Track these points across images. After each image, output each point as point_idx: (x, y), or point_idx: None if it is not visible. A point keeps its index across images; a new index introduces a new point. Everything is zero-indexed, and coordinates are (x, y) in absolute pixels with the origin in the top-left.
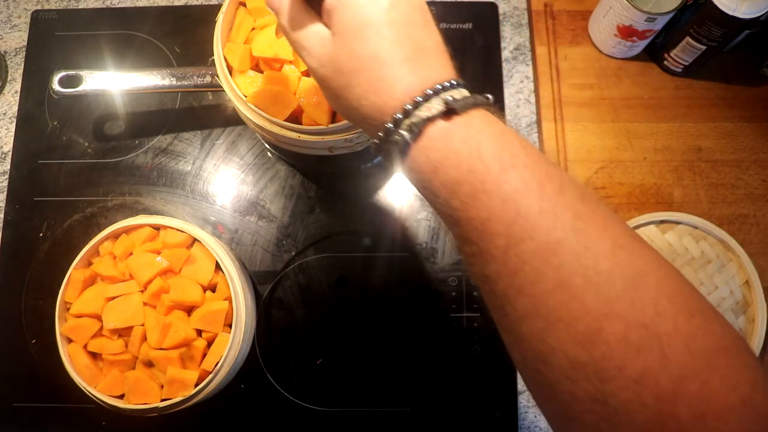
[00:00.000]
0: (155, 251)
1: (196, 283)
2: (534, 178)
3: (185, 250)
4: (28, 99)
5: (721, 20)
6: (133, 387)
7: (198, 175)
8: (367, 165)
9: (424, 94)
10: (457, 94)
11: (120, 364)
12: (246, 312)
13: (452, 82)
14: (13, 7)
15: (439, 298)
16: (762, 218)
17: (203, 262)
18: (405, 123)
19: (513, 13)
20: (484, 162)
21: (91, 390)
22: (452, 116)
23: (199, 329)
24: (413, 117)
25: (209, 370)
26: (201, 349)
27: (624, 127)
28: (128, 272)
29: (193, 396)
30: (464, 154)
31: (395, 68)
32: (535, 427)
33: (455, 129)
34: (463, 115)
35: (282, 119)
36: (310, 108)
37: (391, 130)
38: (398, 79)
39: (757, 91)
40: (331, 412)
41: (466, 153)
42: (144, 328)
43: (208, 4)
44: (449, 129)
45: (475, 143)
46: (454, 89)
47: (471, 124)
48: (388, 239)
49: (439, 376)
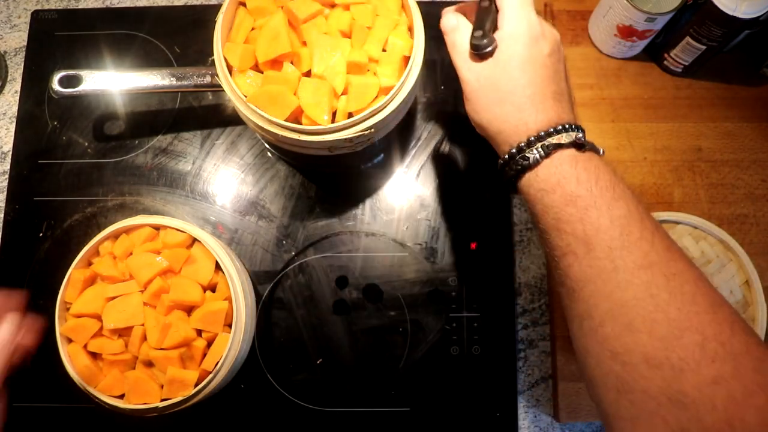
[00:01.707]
0: (155, 251)
1: (196, 283)
2: (637, 210)
3: (185, 250)
4: (28, 99)
5: (721, 20)
6: (133, 387)
7: (198, 175)
8: (367, 165)
9: (558, 127)
10: (581, 135)
11: (120, 364)
12: (246, 312)
13: (577, 126)
14: (13, 7)
15: (439, 298)
16: (762, 218)
17: (203, 262)
18: (537, 144)
19: None
20: (600, 187)
21: (91, 390)
22: (578, 149)
23: (199, 329)
24: (546, 141)
25: (209, 370)
26: (201, 349)
27: (624, 127)
28: (128, 272)
29: (193, 396)
30: (584, 178)
31: (541, 101)
32: (535, 427)
33: (580, 158)
34: (587, 152)
35: (282, 119)
36: (309, 108)
37: (523, 147)
38: (542, 109)
39: (757, 91)
40: (331, 412)
41: (586, 177)
42: (144, 328)
43: (208, 4)
44: (575, 157)
45: (594, 171)
46: (578, 131)
47: (592, 159)
48: (388, 239)
49: (439, 376)
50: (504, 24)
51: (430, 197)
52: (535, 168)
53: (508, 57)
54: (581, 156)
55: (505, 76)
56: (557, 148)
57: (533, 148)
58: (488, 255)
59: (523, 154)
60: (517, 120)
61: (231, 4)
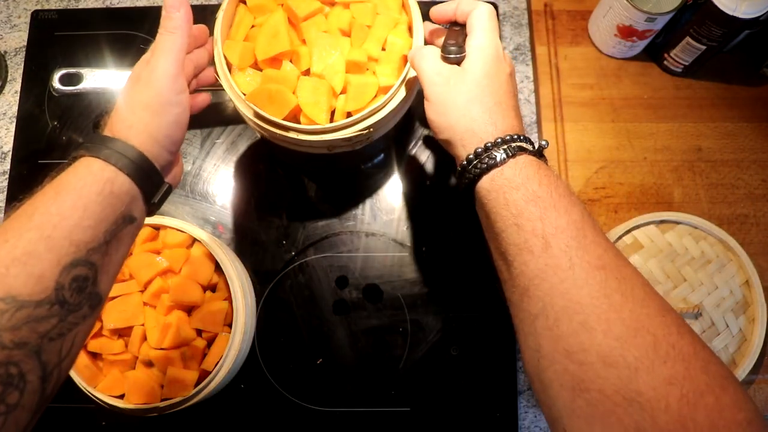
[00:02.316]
0: (155, 251)
1: (196, 283)
2: (590, 218)
3: (185, 250)
4: (28, 99)
5: (721, 20)
6: (133, 387)
7: (198, 175)
8: (367, 165)
9: (522, 136)
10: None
11: (120, 364)
12: (246, 312)
13: (527, 137)
14: (13, 7)
15: (439, 297)
16: (762, 218)
17: (203, 262)
18: (504, 145)
19: (513, 13)
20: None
21: (91, 390)
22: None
23: (199, 329)
24: (512, 143)
25: (209, 370)
26: (201, 349)
27: (624, 127)
28: (128, 272)
29: (193, 396)
30: (545, 182)
31: (506, 109)
32: (535, 427)
33: (541, 165)
34: (543, 159)
35: (281, 118)
36: (308, 107)
37: (490, 147)
38: (507, 117)
39: (757, 91)
40: (331, 412)
41: (547, 182)
42: (144, 328)
43: (209, 4)
44: (537, 162)
45: (553, 179)
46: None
47: (549, 169)
48: (388, 239)
49: (439, 376)
50: (473, 41)
51: (430, 197)
52: (501, 166)
53: (477, 66)
54: (542, 164)
55: (473, 81)
56: (522, 151)
57: (500, 148)
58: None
59: (489, 152)
60: (485, 122)
61: (231, 1)
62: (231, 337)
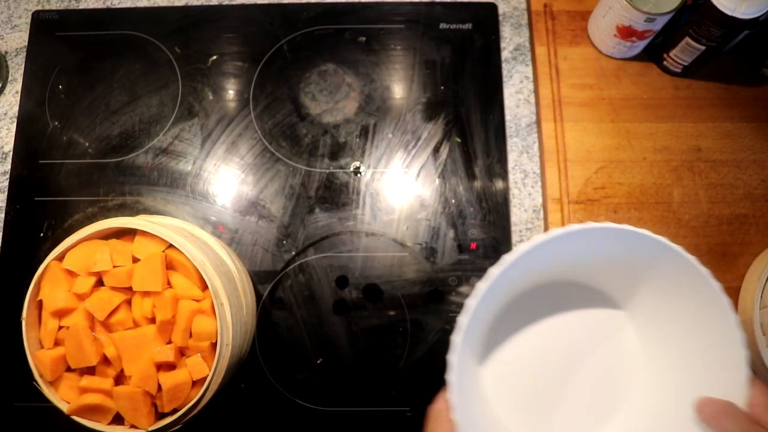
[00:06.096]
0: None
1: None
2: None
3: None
4: (29, 99)
5: (720, 20)
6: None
7: (198, 175)
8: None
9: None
10: None
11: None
12: (246, 312)
13: None
14: (14, 8)
15: (439, 297)
16: (761, 218)
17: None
18: None
19: (513, 13)
20: None
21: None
22: None
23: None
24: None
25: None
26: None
27: (623, 127)
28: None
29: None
30: None
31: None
32: None
33: None
34: None
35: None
36: (128, 415)
37: None
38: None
39: (757, 91)
40: (331, 411)
41: None
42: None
43: (208, 4)
44: None
45: None
46: None
47: None
48: (388, 239)
49: (439, 376)
50: None
51: (430, 197)
52: None
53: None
54: None
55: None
56: None
57: None
58: (488, 255)
59: None
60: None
61: (31, 304)
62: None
